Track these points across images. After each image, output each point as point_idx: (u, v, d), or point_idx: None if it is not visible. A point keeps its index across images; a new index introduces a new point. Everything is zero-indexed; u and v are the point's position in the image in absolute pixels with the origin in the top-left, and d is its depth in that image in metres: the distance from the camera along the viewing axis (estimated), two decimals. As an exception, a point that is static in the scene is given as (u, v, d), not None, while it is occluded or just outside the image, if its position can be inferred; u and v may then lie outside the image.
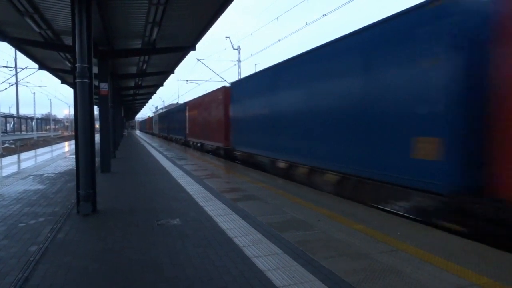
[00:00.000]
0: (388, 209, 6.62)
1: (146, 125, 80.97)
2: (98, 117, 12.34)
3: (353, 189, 7.52)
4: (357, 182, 7.35)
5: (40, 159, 17.22)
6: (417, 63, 5.76)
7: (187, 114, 25.89)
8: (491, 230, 4.98)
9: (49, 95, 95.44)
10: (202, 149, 21.55)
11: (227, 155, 16.27)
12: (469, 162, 5.15)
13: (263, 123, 11.86)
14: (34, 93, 69.74)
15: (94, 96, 6.75)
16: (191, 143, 24.61)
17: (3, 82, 40.68)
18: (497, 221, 4.83)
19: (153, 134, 58.32)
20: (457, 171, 5.21)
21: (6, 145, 38.08)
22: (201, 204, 6.68)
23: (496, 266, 3.66)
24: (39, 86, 71.47)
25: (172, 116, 35.33)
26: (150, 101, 50.12)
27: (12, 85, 41.94)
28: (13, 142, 41.63)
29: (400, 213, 6.38)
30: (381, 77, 6.62)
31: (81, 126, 6.03)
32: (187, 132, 25.84)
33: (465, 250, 4.12)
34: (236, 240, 4.58)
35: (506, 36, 4.72)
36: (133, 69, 17.76)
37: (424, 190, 5.65)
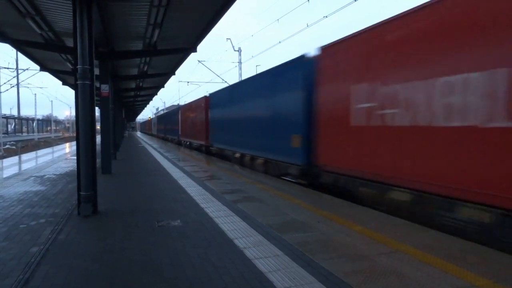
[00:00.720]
0: (285, 178, 10.36)
1: (145, 126, 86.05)
2: (99, 118, 12.38)
3: (270, 168, 11.50)
4: (271, 164, 11.32)
5: (41, 160, 17.25)
6: (292, 93, 9.67)
7: (179, 117, 29.75)
8: (315, 182, 8.76)
9: (50, 96, 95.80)
10: (191, 146, 25.29)
11: (207, 151, 20.24)
12: (309, 148, 8.87)
13: (226, 125, 16.12)
14: (35, 94, 70.10)
15: (95, 98, 6.77)
16: (182, 142, 28.68)
17: (4, 83, 40.86)
18: (317, 177, 8.67)
19: (152, 135, 60.74)
20: (305, 153, 9.06)
21: (7, 146, 38.15)
22: (202, 205, 6.69)
23: (495, 267, 3.67)
24: (40, 88, 71.96)
25: (168, 119, 39.74)
26: (151, 102, 50.36)
27: (13, 86, 42.01)
28: (14, 143, 41.71)
29: (289, 179, 10.16)
30: (279, 99, 10.57)
31: (82, 128, 6.05)
32: (180, 133, 29.82)
33: (465, 251, 4.12)
34: (236, 242, 4.60)
35: (317, 80, 8.51)
36: (134, 71, 17.79)
37: (295, 164, 9.62)
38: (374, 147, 6.65)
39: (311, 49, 8.97)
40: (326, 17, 16.99)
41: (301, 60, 9.32)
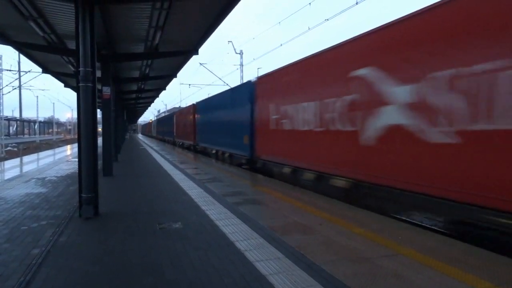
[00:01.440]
0: (243, 167, 13.63)
1: (146, 128, 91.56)
2: (101, 120, 12.41)
3: (233, 160, 15.19)
4: (234, 156, 15.08)
5: (43, 162, 17.28)
6: (244, 105, 13.25)
7: (174, 121, 34.60)
8: (255, 167, 12.55)
9: (52, 99, 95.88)
10: (183, 146, 29.13)
11: (195, 150, 24.13)
12: (252, 145, 12.52)
13: (206, 128, 20.35)
14: (37, 96, 69.79)
15: (97, 100, 6.79)
16: (177, 142, 33.12)
17: (6, 85, 40.82)
18: (255, 164, 12.54)
19: (151, 137, 65.19)
20: (250, 148, 12.65)
21: (8, 148, 38.22)
22: (203, 207, 6.69)
23: (497, 270, 3.66)
24: (42, 90, 72.03)
25: (165, 122, 45.22)
26: (152, 104, 50.59)
27: (15, 88, 42.29)
28: (15, 145, 41.79)
29: (244, 167, 13.55)
30: (236, 110, 14.46)
31: (84, 130, 6.07)
32: (175, 134, 34.51)
33: (467, 254, 4.11)
34: (237, 244, 4.59)
35: (255, 98, 12.46)
36: (136, 73, 17.84)
37: (244, 156, 13.36)
38: (278, 142, 10.74)
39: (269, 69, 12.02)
40: (328, 19, 17.04)
41: (249, 84, 13.36)
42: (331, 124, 7.95)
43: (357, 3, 14.37)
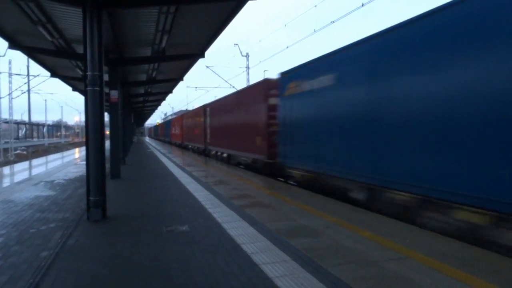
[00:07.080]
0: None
1: (149, 132, 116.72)
2: (108, 123, 12.50)
3: (165, 141, 52.08)
4: (166, 141, 50.78)
5: (51, 165, 17.44)
6: (169, 127, 47.14)
7: (159, 128, 52.16)
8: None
9: (60, 102, 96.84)
10: (163, 141, 48.90)
11: (165, 141, 46.21)
12: (169, 136, 46.51)
13: (163, 131, 50.57)
14: (45, 100, 70.58)
15: (105, 103, 6.84)
16: (160, 138, 53.65)
17: (16, 89, 41.41)
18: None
19: (152, 137, 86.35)
20: (169, 138, 46.12)
21: (18, 151, 38.63)
22: (210, 210, 6.70)
23: (506, 274, 3.61)
24: (51, 93, 72.89)
25: (156, 129, 67.73)
26: (159, 107, 50.95)
27: (24, 92, 42.63)
28: (25, 148, 42.23)
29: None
30: (168, 129, 47.83)
31: (92, 133, 6.12)
32: (158, 134, 55.38)
33: (475, 258, 4.07)
34: (244, 247, 4.59)
35: (170, 126, 45.91)
36: (143, 77, 17.96)
37: (168, 140, 47.79)
38: (177, 137, 39.58)
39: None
40: (334, 22, 17.01)
41: (170, 120, 38.11)
42: (191, 131, 29.07)
43: (363, 5, 14.33)
